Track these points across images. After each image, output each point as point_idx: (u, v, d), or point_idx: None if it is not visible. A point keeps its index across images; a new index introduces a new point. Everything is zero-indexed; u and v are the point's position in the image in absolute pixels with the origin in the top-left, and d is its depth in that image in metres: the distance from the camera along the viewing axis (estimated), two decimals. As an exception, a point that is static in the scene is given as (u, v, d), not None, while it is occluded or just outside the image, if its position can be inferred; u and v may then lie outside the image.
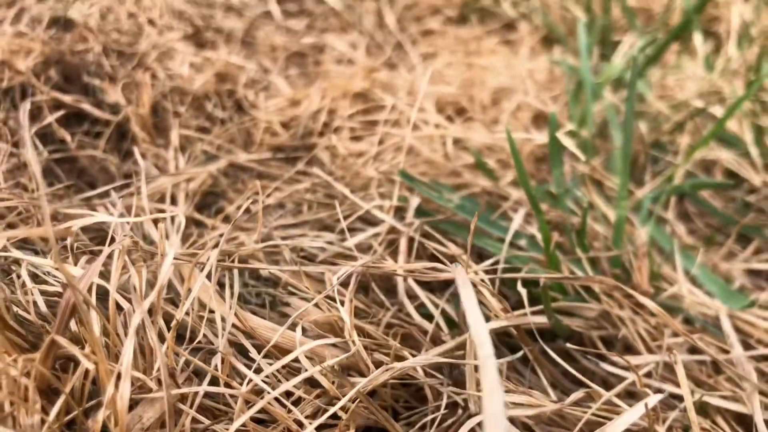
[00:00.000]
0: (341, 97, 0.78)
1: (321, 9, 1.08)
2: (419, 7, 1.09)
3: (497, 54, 0.95)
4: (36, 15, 0.93)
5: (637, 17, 0.99)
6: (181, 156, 0.67)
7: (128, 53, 0.80)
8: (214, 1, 1.04)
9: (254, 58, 0.89)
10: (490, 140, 0.66)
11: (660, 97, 0.83)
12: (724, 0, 1.01)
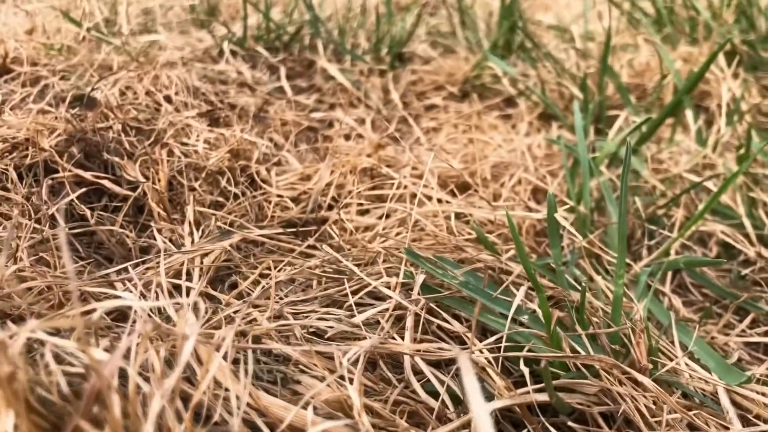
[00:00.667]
0: (349, 173, 0.81)
1: (329, 84, 1.13)
2: (423, 82, 1.14)
3: (497, 129, 0.99)
4: (59, 92, 0.98)
5: (631, 93, 1.04)
6: (196, 231, 0.69)
7: (146, 130, 0.84)
8: (227, 78, 1.09)
9: (266, 133, 0.93)
10: (491, 215, 0.69)
11: (655, 170, 0.86)
12: (714, 76, 1.05)
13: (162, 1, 1.43)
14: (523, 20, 1.17)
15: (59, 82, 1.01)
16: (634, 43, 1.17)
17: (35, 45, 1.10)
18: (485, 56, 1.06)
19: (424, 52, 1.25)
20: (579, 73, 1.00)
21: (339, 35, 1.24)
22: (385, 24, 1.25)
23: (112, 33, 1.24)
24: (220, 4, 1.40)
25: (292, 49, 1.22)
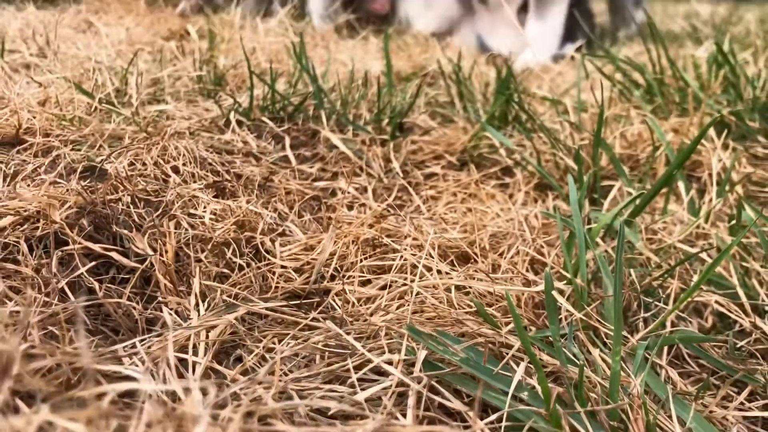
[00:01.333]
0: (352, 243, 0.83)
1: (333, 153, 1.17)
2: (423, 152, 1.18)
3: (495, 198, 1.02)
4: (70, 163, 1.01)
5: (624, 163, 1.07)
6: (202, 303, 0.71)
7: (155, 202, 0.87)
8: (233, 148, 1.13)
9: (271, 203, 0.96)
10: (491, 288, 0.71)
11: (649, 240, 0.88)
12: (704, 147, 1.09)
13: (170, 71, 1.48)
14: (518, 93, 1.21)
15: (70, 152, 1.04)
16: (626, 114, 1.21)
17: (48, 116, 1.14)
18: (482, 127, 1.10)
19: (424, 122, 1.29)
20: (573, 145, 1.04)
21: (342, 106, 1.29)
22: (386, 95, 1.30)
23: (122, 103, 1.28)
24: (227, 75, 1.46)
25: (297, 119, 1.26)
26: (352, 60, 1.52)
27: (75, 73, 1.41)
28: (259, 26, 1.84)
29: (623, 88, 1.37)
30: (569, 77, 1.95)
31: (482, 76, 1.54)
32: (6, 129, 1.06)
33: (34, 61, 1.51)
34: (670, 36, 2.81)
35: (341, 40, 2.10)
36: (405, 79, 1.61)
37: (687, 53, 2.16)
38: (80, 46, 1.71)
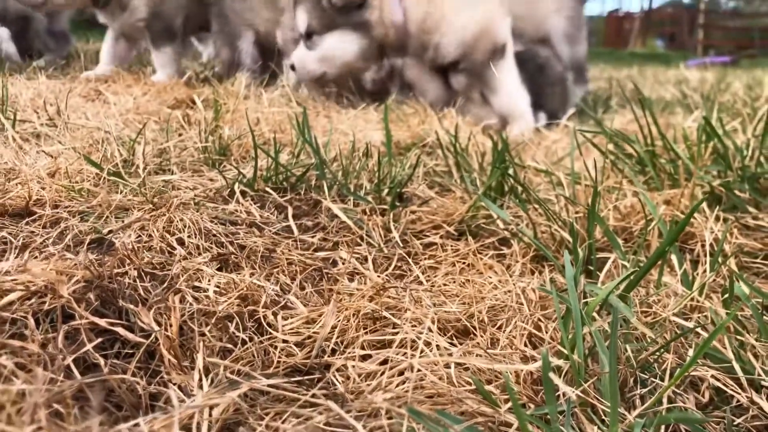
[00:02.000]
0: (353, 317, 0.85)
1: (334, 223, 1.19)
2: (422, 222, 1.21)
3: (492, 269, 1.04)
4: (78, 234, 1.04)
5: (619, 235, 1.10)
6: (205, 378, 0.72)
7: (160, 275, 0.89)
8: (237, 219, 1.16)
9: (274, 274, 0.98)
10: (490, 365, 0.72)
11: (644, 312, 0.90)
12: (695, 219, 1.12)
13: (176, 141, 1.53)
14: (514, 165, 1.25)
15: (78, 223, 1.07)
16: (619, 186, 1.24)
17: (57, 187, 1.17)
18: (479, 199, 1.13)
19: (423, 192, 1.33)
20: (568, 218, 1.07)
21: (343, 176, 1.32)
22: (385, 165, 1.33)
23: (129, 173, 1.32)
24: (232, 145, 1.50)
25: (299, 189, 1.30)
26: (353, 131, 1.56)
27: (84, 143, 1.46)
28: (263, 96, 1.90)
29: (616, 158, 1.41)
30: (563, 144, 2.01)
31: (479, 146, 1.59)
32: (16, 201, 1.09)
33: (44, 131, 1.56)
34: (661, 103, 2.90)
35: (342, 109, 2.16)
36: (405, 149, 1.66)
37: (677, 121, 2.23)
38: (89, 115, 1.76)
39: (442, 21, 2.07)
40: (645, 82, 4.02)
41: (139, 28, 2.87)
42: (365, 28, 2.17)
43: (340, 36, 2.20)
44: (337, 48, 2.23)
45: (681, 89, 3.43)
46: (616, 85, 3.52)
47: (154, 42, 2.88)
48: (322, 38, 2.23)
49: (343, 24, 2.18)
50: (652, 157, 1.36)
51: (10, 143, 1.42)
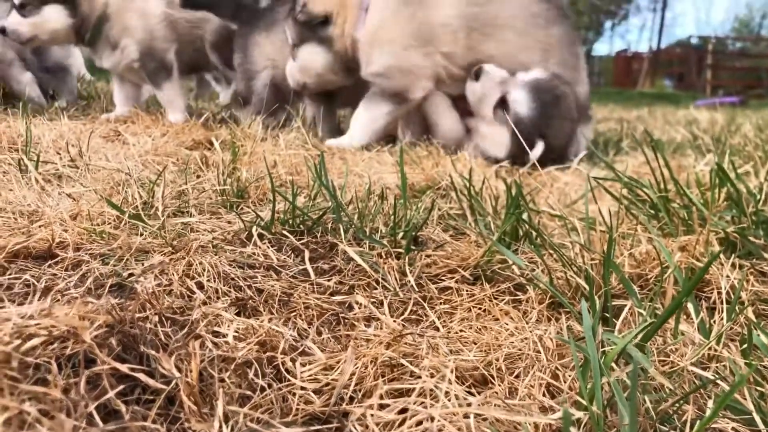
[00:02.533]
0: (371, 364, 0.85)
1: (350, 266, 1.20)
2: (437, 265, 1.21)
3: (509, 315, 1.04)
4: (99, 277, 1.05)
5: (634, 282, 1.10)
6: (225, 426, 0.72)
7: (180, 321, 0.90)
8: (255, 262, 1.17)
9: (291, 319, 0.99)
10: (509, 416, 0.72)
11: (661, 362, 0.90)
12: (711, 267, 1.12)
13: (195, 183, 1.55)
14: (528, 211, 1.26)
15: (99, 266, 1.08)
16: (633, 232, 1.25)
17: (79, 230, 1.19)
18: (494, 245, 1.14)
19: (438, 236, 1.34)
20: (584, 265, 1.07)
21: (359, 219, 1.34)
22: (400, 208, 1.35)
23: (149, 215, 1.34)
24: (249, 188, 1.53)
25: (316, 232, 1.31)
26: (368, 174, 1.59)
27: (105, 185, 1.48)
28: (280, 139, 1.94)
29: (629, 203, 1.42)
30: (575, 186, 2.02)
31: (492, 189, 1.61)
32: (40, 243, 1.11)
33: (66, 172, 1.59)
34: (672, 144, 2.91)
35: (357, 151, 2.20)
36: (419, 191, 1.67)
37: (689, 163, 2.24)
38: (110, 156, 1.80)
39: (385, 44, 2.36)
40: (655, 123, 4.05)
41: (134, 70, 2.94)
42: (329, 43, 2.47)
43: (310, 48, 2.52)
44: (308, 59, 2.54)
45: (691, 130, 3.45)
46: (626, 127, 3.54)
47: (152, 81, 2.96)
48: (299, 50, 2.54)
49: (310, 38, 2.49)
50: (666, 202, 1.37)
51: (33, 185, 1.45)
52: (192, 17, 2.96)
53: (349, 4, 2.44)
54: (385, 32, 2.39)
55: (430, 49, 2.37)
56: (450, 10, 2.39)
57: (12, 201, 1.34)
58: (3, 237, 1.13)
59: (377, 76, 2.43)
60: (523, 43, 2.43)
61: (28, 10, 2.70)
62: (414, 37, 2.36)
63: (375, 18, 2.39)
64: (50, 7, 2.72)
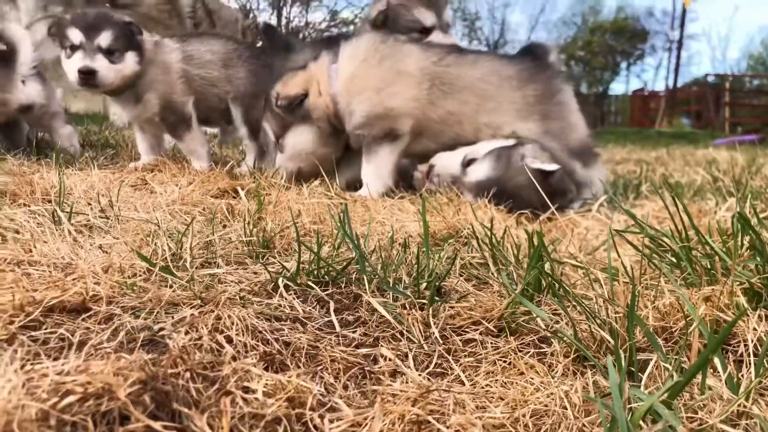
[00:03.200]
0: (398, 420, 0.86)
1: (374, 317, 1.22)
2: (461, 317, 1.23)
3: (534, 368, 1.05)
4: (131, 330, 1.08)
5: (659, 335, 1.10)
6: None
7: (211, 377, 0.92)
8: (281, 314, 1.19)
9: (318, 373, 1.00)
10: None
11: (689, 419, 0.89)
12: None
13: (222, 234, 1.59)
14: (551, 262, 1.28)
15: (131, 320, 1.11)
16: (656, 283, 1.25)
17: (111, 283, 1.23)
18: (517, 299, 1.15)
19: (460, 286, 1.35)
20: (608, 318, 1.08)
21: (382, 269, 1.36)
22: (423, 258, 1.37)
23: (177, 267, 1.37)
24: (274, 238, 1.56)
25: (340, 282, 1.33)
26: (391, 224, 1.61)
27: (135, 236, 1.53)
28: (304, 187, 1.97)
29: (651, 252, 1.43)
30: (595, 232, 2.02)
31: (514, 237, 1.62)
32: (74, 297, 1.15)
33: (97, 223, 1.64)
34: (692, 187, 2.91)
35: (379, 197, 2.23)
36: (441, 240, 1.69)
37: (710, 207, 2.24)
38: (138, 206, 1.85)
39: (360, 91, 2.49)
40: (674, 164, 4.05)
41: (155, 123, 2.99)
42: (310, 117, 2.61)
43: (295, 131, 2.65)
44: (297, 141, 2.66)
45: (711, 172, 3.44)
46: (645, 169, 3.55)
47: (173, 134, 3.01)
48: (284, 139, 2.67)
49: (292, 122, 2.64)
50: (688, 251, 1.38)
51: (67, 236, 1.50)
52: (208, 75, 3.03)
53: (315, 72, 2.60)
54: (358, 81, 2.52)
55: (398, 89, 2.48)
56: (414, 63, 2.52)
57: (47, 253, 1.39)
58: (39, 291, 1.16)
59: (362, 127, 2.53)
60: (489, 105, 2.50)
61: (116, 56, 2.71)
62: (383, 81, 2.49)
63: (347, 70, 2.54)
64: (130, 54, 2.77)
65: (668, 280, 1.25)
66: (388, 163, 2.53)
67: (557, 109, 2.54)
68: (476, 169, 2.27)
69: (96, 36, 2.66)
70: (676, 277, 1.37)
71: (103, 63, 2.68)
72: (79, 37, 2.66)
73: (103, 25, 2.69)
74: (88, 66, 2.65)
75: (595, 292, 1.22)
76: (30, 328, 1.07)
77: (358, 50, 2.56)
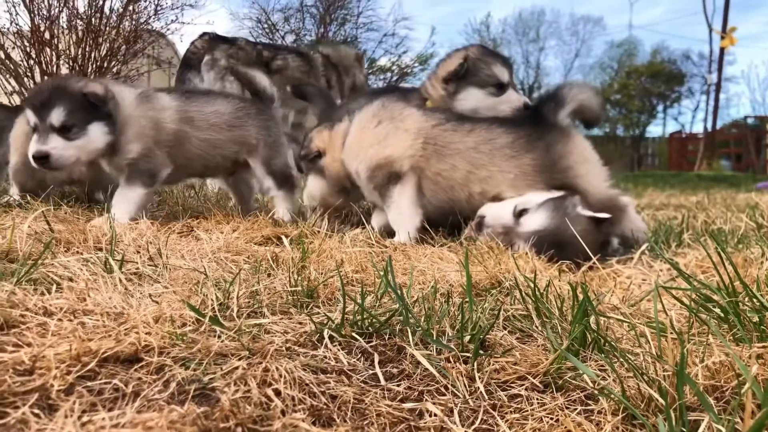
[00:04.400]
0: (446, 480, 0.86)
1: (418, 371, 1.22)
2: (505, 371, 1.22)
3: (581, 427, 1.03)
4: (182, 381, 1.11)
5: (710, 394, 1.08)
6: None
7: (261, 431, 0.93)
8: (327, 366, 1.21)
9: (365, 428, 1.01)
10: None
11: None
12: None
13: (267, 283, 1.62)
14: (596, 316, 1.27)
15: (182, 371, 1.14)
16: (705, 340, 1.24)
17: (162, 333, 1.26)
18: (563, 355, 1.15)
19: (504, 339, 1.35)
20: (656, 375, 1.07)
21: (425, 321, 1.37)
22: (467, 311, 1.38)
23: (224, 316, 1.40)
24: (318, 287, 1.58)
25: (384, 333, 1.35)
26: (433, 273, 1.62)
27: (183, 286, 1.57)
28: (346, 236, 2.01)
29: (698, 305, 1.41)
30: (638, 281, 2.00)
31: (556, 288, 1.61)
32: (128, 348, 1.18)
33: (147, 272, 1.69)
34: (736, 233, 2.86)
35: (419, 245, 2.25)
36: (483, 290, 1.70)
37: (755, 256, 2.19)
38: (185, 254, 1.90)
39: (359, 151, 2.71)
40: (716, 210, 3.98)
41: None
42: (323, 172, 2.91)
43: (312, 177, 2.98)
44: (311, 186, 2.98)
45: (755, 219, 3.37)
46: (686, 215, 3.50)
47: (128, 178, 2.66)
48: (307, 179, 3.05)
49: (311, 169, 2.97)
50: (736, 306, 1.35)
51: (118, 286, 1.55)
52: (211, 137, 2.86)
53: (334, 137, 2.86)
54: (357, 141, 2.73)
55: (392, 140, 2.63)
56: (411, 123, 2.65)
57: (99, 302, 1.44)
58: (94, 340, 1.20)
59: (369, 180, 2.68)
60: (481, 173, 2.55)
61: (74, 132, 2.44)
62: (378, 137, 2.66)
63: (351, 139, 2.77)
64: (96, 126, 2.48)
65: (715, 335, 1.23)
66: (406, 200, 2.60)
67: (562, 176, 2.52)
68: (531, 219, 2.27)
69: (47, 115, 2.40)
70: (725, 332, 1.34)
71: (57, 143, 2.41)
72: (33, 119, 2.44)
73: (54, 102, 2.40)
74: (39, 150, 2.39)
75: (642, 349, 1.21)
76: (86, 378, 1.10)
77: (363, 118, 2.75)
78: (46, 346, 1.17)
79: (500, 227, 2.30)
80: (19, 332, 1.27)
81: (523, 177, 2.50)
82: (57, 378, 1.07)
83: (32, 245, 1.90)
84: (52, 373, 1.08)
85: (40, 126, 2.42)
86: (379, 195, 2.68)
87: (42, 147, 2.39)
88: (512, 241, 2.27)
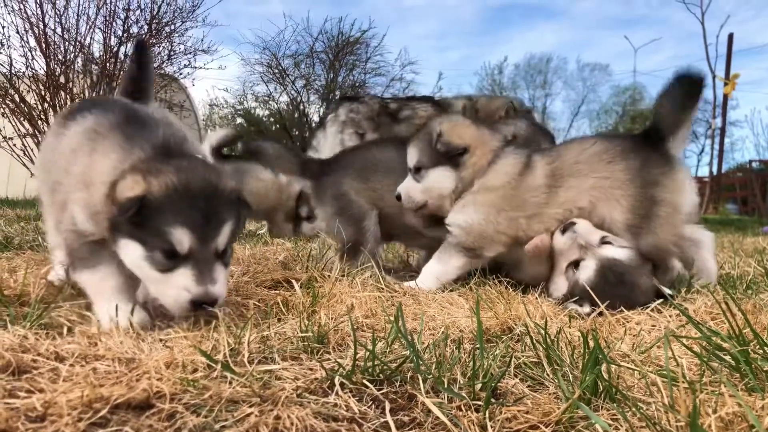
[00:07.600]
0: None
1: (430, 419, 1.22)
2: (518, 420, 1.21)
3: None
4: (193, 430, 1.10)
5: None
6: None
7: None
8: (338, 414, 1.20)
9: (376, 479, 1.00)
10: None
11: None
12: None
13: (277, 329, 1.63)
14: (607, 364, 1.27)
15: (193, 418, 1.14)
16: (717, 389, 1.23)
17: (173, 379, 1.26)
18: (575, 404, 1.14)
19: (516, 387, 1.34)
20: (669, 427, 1.06)
21: (436, 368, 1.37)
22: (478, 358, 1.37)
23: (235, 362, 1.41)
24: (329, 333, 1.59)
25: (394, 381, 1.34)
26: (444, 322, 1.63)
27: (194, 330, 1.58)
28: (357, 279, 2.02)
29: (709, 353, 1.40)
30: (647, 327, 1.99)
31: (567, 335, 1.61)
32: (139, 394, 1.19)
33: (157, 316, 1.70)
34: (745, 279, 2.85)
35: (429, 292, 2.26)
36: (493, 336, 1.70)
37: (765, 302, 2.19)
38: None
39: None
40: (723, 255, 3.97)
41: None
42: (460, 168, 2.64)
43: (441, 171, 2.65)
44: (437, 180, 2.66)
45: (763, 264, 3.37)
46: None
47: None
48: (427, 171, 2.68)
49: (444, 162, 2.65)
50: (746, 355, 1.35)
51: (130, 330, 1.56)
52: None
53: (486, 142, 2.66)
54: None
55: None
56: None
57: (111, 347, 1.44)
58: (106, 386, 1.21)
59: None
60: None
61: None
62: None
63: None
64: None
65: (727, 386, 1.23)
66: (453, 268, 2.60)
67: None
68: (614, 249, 2.31)
69: None
70: (737, 381, 1.34)
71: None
72: None
73: None
74: None
75: (654, 398, 1.21)
76: (97, 425, 1.10)
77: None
78: (58, 392, 1.18)
79: (584, 241, 2.34)
80: (31, 377, 1.28)
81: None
82: (69, 425, 1.07)
83: (44, 288, 1.91)
84: (63, 420, 1.09)
85: None
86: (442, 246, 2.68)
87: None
88: (583, 258, 2.30)
